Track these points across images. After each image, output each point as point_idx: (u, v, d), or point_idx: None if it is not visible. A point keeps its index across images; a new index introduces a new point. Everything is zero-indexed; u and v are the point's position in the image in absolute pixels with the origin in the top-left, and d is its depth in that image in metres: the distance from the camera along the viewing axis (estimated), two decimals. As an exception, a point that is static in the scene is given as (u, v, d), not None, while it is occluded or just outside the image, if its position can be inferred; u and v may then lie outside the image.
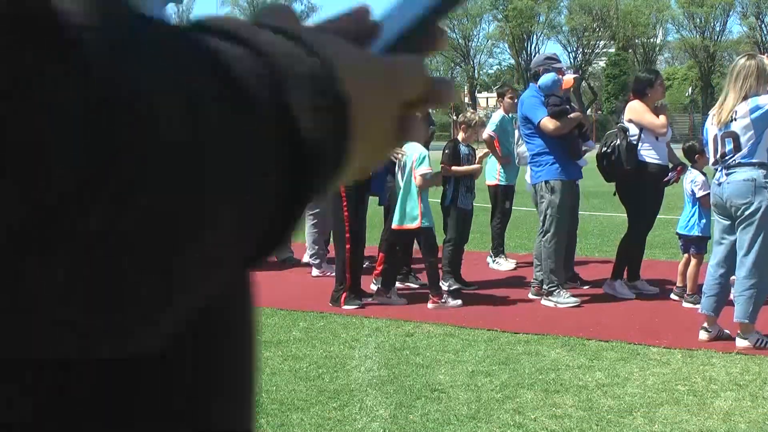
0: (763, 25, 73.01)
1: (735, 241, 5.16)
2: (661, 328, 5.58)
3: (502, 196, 8.12)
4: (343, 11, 0.53)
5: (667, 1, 75.79)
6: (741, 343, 5.05)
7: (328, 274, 7.75)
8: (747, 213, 5.01)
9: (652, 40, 79.23)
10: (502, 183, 8.10)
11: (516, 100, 7.78)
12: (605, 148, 6.62)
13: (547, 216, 6.39)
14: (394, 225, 6.42)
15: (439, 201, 6.97)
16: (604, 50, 77.80)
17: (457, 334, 5.46)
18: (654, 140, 6.52)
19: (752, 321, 5.05)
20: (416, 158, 6.38)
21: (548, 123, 6.33)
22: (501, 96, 8.27)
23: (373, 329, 5.63)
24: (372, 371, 4.60)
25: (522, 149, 7.71)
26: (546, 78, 6.47)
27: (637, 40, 77.43)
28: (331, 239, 7.01)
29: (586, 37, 76.89)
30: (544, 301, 6.42)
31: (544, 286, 6.45)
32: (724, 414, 3.88)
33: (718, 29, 75.14)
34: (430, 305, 6.31)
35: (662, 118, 6.48)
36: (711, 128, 5.27)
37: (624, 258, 6.75)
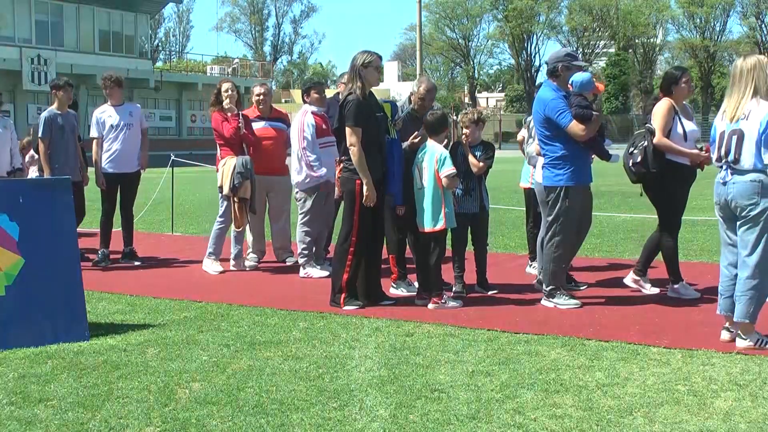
0: (763, 25, 72.95)
1: None
2: (661, 328, 5.57)
3: (535, 198, 7.94)
4: None
5: (667, 1, 75.71)
6: (741, 343, 5.05)
7: (312, 276, 7.73)
8: (753, 214, 4.97)
9: (652, 40, 79.18)
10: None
11: None
12: (632, 149, 6.53)
13: (559, 221, 6.29)
14: (426, 228, 6.39)
15: None
16: (604, 50, 77.74)
17: (457, 334, 5.46)
18: (681, 140, 6.42)
19: (753, 321, 5.05)
20: (438, 159, 6.36)
21: (576, 128, 6.13)
22: None
23: (373, 329, 5.63)
24: (372, 371, 4.60)
25: (531, 149, 7.61)
26: (582, 77, 6.25)
27: (637, 40, 77.37)
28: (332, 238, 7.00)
29: (586, 37, 76.82)
30: (544, 302, 6.40)
31: (545, 287, 6.43)
32: (724, 414, 3.87)
33: (718, 29, 75.15)
34: (430, 305, 6.31)
35: (662, 139, 6.32)
36: (719, 125, 5.21)
37: (673, 258, 6.65)
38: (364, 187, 6.20)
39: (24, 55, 38.21)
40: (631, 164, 6.53)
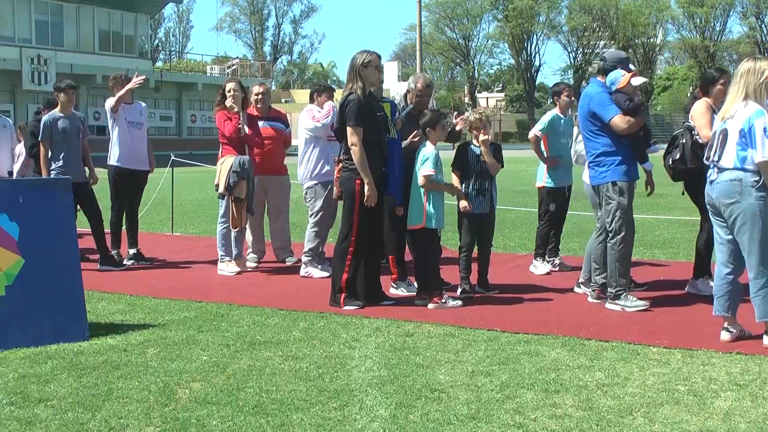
0: (763, 25, 72.96)
1: (734, 239, 5.15)
2: (661, 328, 5.58)
3: (548, 198, 7.85)
4: None
5: (667, 1, 75.73)
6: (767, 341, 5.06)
7: (312, 276, 7.73)
8: (736, 214, 5.00)
9: (652, 40, 79.18)
10: (549, 185, 7.85)
11: (573, 99, 7.59)
12: (671, 148, 6.55)
13: (616, 218, 6.16)
14: (408, 225, 6.49)
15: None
16: (604, 50, 77.69)
17: (457, 334, 5.46)
18: None
19: None
20: (421, 158, 6.39)
21: (620, 120, 6.07)
22: (557, 95, 7.95)
23: (373, 329, 5.63)
24: (372, 371, 4.60)
25: (581, 147, 7.51)
26: (617, 73, 6.22)
27: (637, 40, 77.36)
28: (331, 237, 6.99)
29: (586, 37, 76.85)
30: (609, 305, 6.23)
31: (610, 290, 6.26)
32: (724, 414, 3.87)
33: (718, 29, 75.16)
34: (430, 305, 6.31)
35: (709, 135, 6.30)
36: (715, 125, 5.31)
37: (703, 256, 6.69)
38: (365, 187, 6.20)
39: (24, 55, 38.20)
40: (670, 162, 6.57)
